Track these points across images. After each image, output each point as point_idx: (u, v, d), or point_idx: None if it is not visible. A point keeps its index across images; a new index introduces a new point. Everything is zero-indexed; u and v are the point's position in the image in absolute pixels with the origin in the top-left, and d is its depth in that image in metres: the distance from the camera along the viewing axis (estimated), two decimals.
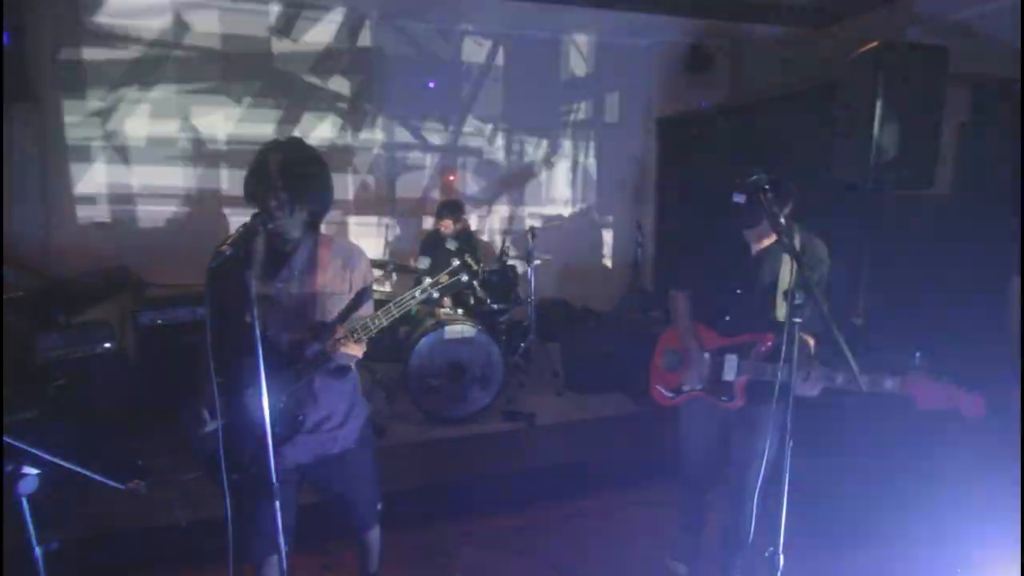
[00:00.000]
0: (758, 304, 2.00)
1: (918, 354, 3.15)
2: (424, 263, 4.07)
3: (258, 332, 1.45)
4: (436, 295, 1.64)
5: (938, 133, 2.67)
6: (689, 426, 2.24)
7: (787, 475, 1.51)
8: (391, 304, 1.61)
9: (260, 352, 1.44)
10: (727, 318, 2.07)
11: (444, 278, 1.63)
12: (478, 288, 4.01)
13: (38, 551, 1.41)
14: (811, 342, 1.95)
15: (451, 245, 4.19)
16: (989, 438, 2.56)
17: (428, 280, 1.67)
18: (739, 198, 1.77)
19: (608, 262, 5.94)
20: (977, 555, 2.29)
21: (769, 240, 2.01)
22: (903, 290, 3.27)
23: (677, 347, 2.18)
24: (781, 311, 1.92)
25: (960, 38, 4.33)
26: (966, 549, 2.35)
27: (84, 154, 4.35)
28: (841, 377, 1.78)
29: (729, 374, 2.00)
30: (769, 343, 1.97)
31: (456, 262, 1.63)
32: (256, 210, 1.59)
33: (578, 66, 5.50)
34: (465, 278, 1.62)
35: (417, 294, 1.61)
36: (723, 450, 2.21)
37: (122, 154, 4.43)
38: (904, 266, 3.31)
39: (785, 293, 1.62)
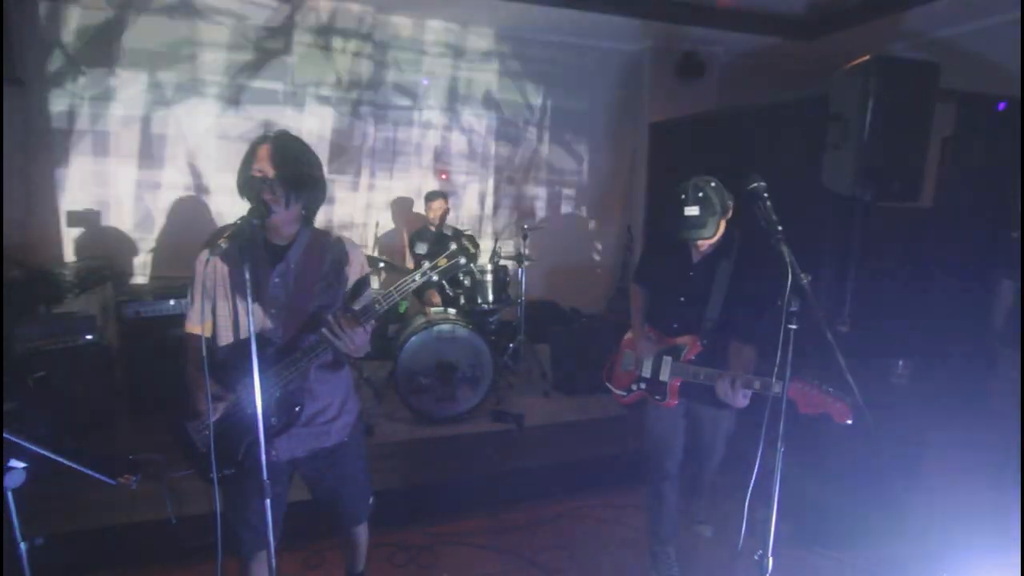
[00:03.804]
0: (695, 310, 2.13)
1: (901, 362, 3.23)
2: (422, 248, 4.11)
3: (253, 326, 1.44)
4: (435, 278, 1.63)
5: (925, 147, 2.73)
6: (653, 425, 2.32)
7: (778, 479, 1.53)
8: (392, 288, 1.60)
9: (255, 347, 1.43)
10: (675, 325, 2.20)
11: (443, 261, 1.63)
12: (476, 271, 4.01)
13: (23, 546, 1.38)
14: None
15: (447, 231, 4.20)
16: (977, 438, 2.63)
17: (427, 264, 1.66)
18: (692, 210, 1.95)
19: (597, 264, 5.98)
20: (964, 555, 2.34)
21: (707, 249, 2.12)
22: (888, 298, 3.34)
23: (632, 351, 2.30)
24: (711, 316, 2.08)
25: (945, 54, 4.44)
26: (952, 549, 2.41)
27: (68, 141, 4.25)
28: (757, 383, 1.88)
29: (664, 375, 2.14)
30: (697, 348, 2.10)
31: (454, 246, 1.64)
32: (249, 204, 1.57)
33: (572, 69, 5.52)
34: (463, 261, 1.62)
35: (417, 277, 1.61)
36: (683, 451, 2.36)
37: (107, 142, 4.34)
38: (889, 275, 3.38)
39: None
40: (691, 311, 2.14)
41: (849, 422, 1.67)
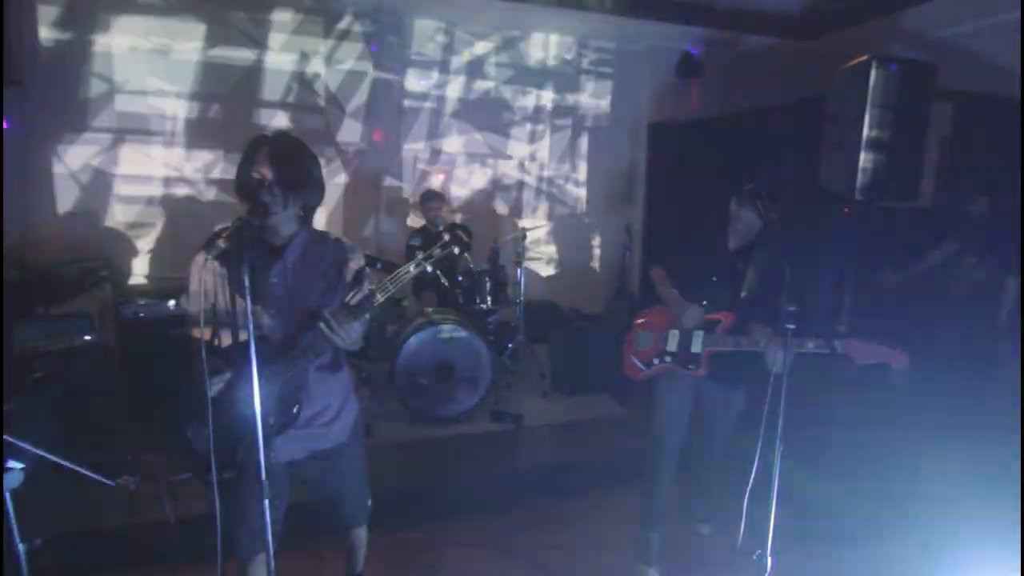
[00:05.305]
0: (728, 292, 2.27)
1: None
2: (416, 240, 4.14)
3: (252, 326, 1.43)
4: (430, 268, 1.64)
5: (923, 147, 2.73)
6: (665, 399, 2.40)
7: (776, 478, 1.53)
8: (387, 281, 1.61)
9: (254, 347, 1.43)
10: (704, 303, 2.30)
11: (437, 251, 1.64)
12: (474, 271, 4.01)
13: (21, 548, 1.38)
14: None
15: (439, 225, 4.21)
16: (977, 438, 2.63)
17: (420, 255, 1.66)
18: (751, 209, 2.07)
19: (596, 265, 5.98)
20: (964, 554, 2.35)
21: (744, 239, 2.27)
22: (886, 298, 3.35)
23: (649, 329, 2.43)
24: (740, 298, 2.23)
25: (943, 55, 4.44)
26: (953, 549, 2.41)
27: (66, 141, 4.25)
28: (811, 344, 1.98)
29: (696, 346, 2.27)
30: (731, 321, 2.23)
31: (447, 237, 1.65)
32: (248, 204, 1.57)
33: (571, 70, 5.52)
34: (457, 250, 1.63)
35: (412, 268, 1.61)
36: (691, 427, 2.43)
37: (106, 143, 4.34)
38: (887, 275, 3.39)
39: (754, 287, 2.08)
40: (722, 292, 2.27)
41: (906, 366, 1.86)
